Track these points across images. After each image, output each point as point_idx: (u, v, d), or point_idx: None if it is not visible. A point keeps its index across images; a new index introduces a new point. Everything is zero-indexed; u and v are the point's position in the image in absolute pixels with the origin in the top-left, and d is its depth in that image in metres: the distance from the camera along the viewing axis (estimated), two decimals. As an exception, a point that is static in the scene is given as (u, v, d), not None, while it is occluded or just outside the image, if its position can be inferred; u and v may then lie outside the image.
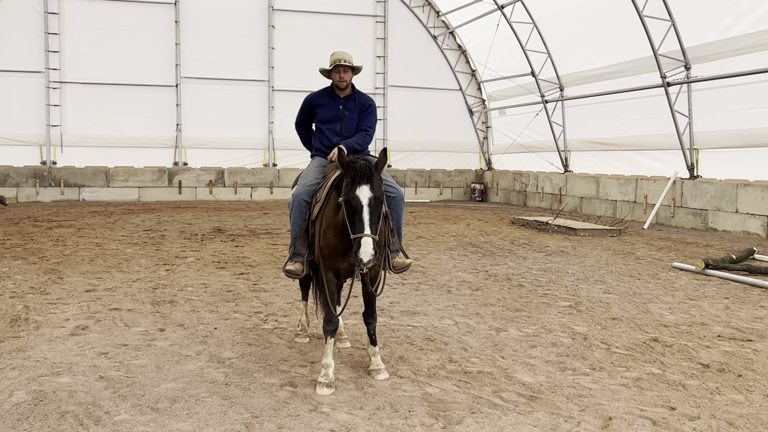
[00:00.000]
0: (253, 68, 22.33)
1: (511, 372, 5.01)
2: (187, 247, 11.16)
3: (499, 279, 8.82)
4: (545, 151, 21.26)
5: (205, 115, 21.77)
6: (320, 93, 5.60)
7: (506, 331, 6.19)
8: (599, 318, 6.77)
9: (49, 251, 10.48)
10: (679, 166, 15.92)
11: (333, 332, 4.79)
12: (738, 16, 13.78)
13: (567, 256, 10.83)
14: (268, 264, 9.68)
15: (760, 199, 13.77)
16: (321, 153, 5.52)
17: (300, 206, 5.14)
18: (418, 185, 24.22)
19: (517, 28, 20.34)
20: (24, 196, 20.48)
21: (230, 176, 22.36)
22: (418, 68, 23.73)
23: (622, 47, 16.80)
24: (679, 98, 15.46)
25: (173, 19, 21.51)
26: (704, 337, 6.06)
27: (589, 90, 18.68)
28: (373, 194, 4.34)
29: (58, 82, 20.78)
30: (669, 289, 8.32)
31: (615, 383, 4.80)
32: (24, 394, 4.38)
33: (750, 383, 4.83)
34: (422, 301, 7.43)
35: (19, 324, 6.16)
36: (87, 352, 5.32)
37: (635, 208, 17.30)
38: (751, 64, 13.49)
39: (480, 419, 4.10)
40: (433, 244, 12.04)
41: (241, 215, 16.88)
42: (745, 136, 14.06)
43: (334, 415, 4.14)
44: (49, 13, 20.51)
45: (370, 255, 4.19)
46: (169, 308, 6.89)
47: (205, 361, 5.15)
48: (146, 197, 21.59)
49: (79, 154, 21.05)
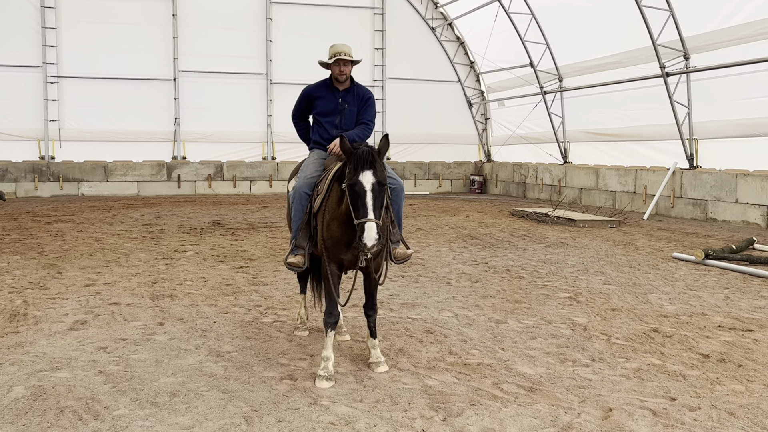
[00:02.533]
0: (251, 61, 22.28)
1: (511, 364, 5.01)
2: (186, 241, 11.15)
3: (498, 271, 8.81)
4: (544, 142, 21.22)
5: (203, 108, 21.72)
6: (319, 85, 5.56)
7: (506, 323, 6.18)
8: (599, 309, 6.76)
9: (48, 246, 10.47)
10: (678, 156, 15.89)
11: (334, 325, 4.78)
12: (738, 5, 13.72)
13: (566, 248, 10.81)
14: (268, 257, 9.67)
15: (759, 188, 13.75)
16: (320, 145, 5.49)
17: (301, 199, 5.12)
18: (418, 177, 24.19)
19: (516, 19, 20.27)
20: (23, 191, 20.45)
21: (229, 170, 22.32)
22: (416, 60, 23.66)
23: (621, 38, 16.74)
24: (679, 88, 15.42)
25: (171, 13, 21.42)
26: (704, 328, 6.05)
27: (588, 81, 18.63)
28: (377, 179, 4.33)
29: (56, 77, 20.70)
30: (669, 279, 8.31)
31: (615, 374, 4.79)
32: (23, 390, 4.37)
33: (750, 373, 4.82)
34: (422, 293, 7.42)
35: (18, 319, 6.15)
36: (86, 347, 5.31)
37: (635, 199, 17.28)
38: (751, 54, 13.44)
39: (480, 411, 4.10)
40: (433, 237, 12.02)
41: (240, 209, 16.86)
42: (744, 125, 14.03)
43: (333, 408, 4.13)
44: (46, 7, 20.42)
45: (374, 239, 4.18)
46: (168, 302, 6.88)
47: (204, 355, 5.14)
48: (145, 191, 21.56)
49: (77, 148, 21.00)
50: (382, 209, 4.36)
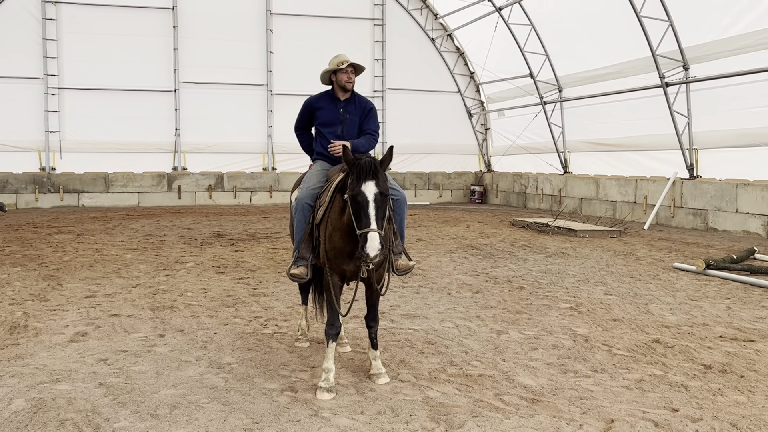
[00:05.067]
0: (252, 72, 22.33)
1: (513, 375, 4.99)
2: (187, 252, 11.14)
3: (499, 281, 8.80)
4: (544, 152, 21.25)
5: (203, 119, 21.75)
6: (320, 96, 5.59)
7: (507, 334, 6.17)
8: (600, 319, 6.75)
9: (48, 257, 10.46)
10: (678, 166, 15.90)
11: (335, 336, 4.77)
12: (736, 15, 13.76)
13: (567, 258, 10.81)
14: (268, 268, 9.66)
15: (760, 198, 13.76)
16: (322, 157, 5.50)
17: (304, 210, 5.12)
18: (418, 188, 24.20)
19: (515, 29, 20.34)
20: (23, 203, 20.45)
21: (229, 180, 22.34)
22: (416, 71, 23.72)
23: (620, 48, 16.79)
24: (678, 98, 15.46)
25: (171, 24, 21.49)
26: (706, 338, 6.04)
27: (588, 91, 18.67)
28: (379, 190, 4.33)
29: (57, 88, 20.75)
30: (670, 289, 8.30)
31: (617, 385, 4.78)
32: (23, 402, 4.36)
33: (752, 384, 4.81)
34: (422, 304, 7.41)
35: (19, 331, 6.14)
36: (86, 359, 5.30)
37: (635, 209, 17.28)
38: (750, 64, 13.47)
39: (481, 423, 4.08)
40: (433, 247, 12.02)
41: (241, 219, 16.87)
42: (744, 135, 14.05)
43: (334, 420, 4.11)
44: (47, 19, 20.49)
45: (376, 249, 4.18)
46: (169, 314, 6.87)
47: (204, 367, 5.13)
48: (146, 202, 21.57)
49: (78, 159, 21.01)
50: (384, 220, 4.37)
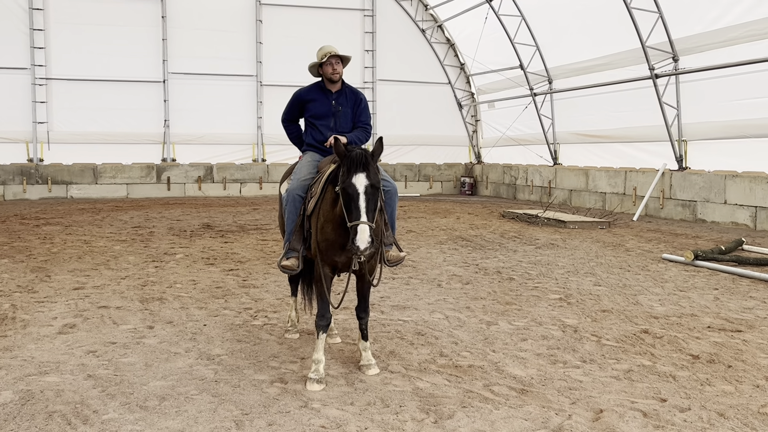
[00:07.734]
0: (241, 63, 22.21)
1: (502, 365, 5.01)
2: (176, 244, 11.10)
3: (489, 272, 8.81)
4: (534, 144, 21.28)
5: (193, 110, 21.63)
6: (310, 88, 5.55)
7: (497, 325, 6.19)
8: (589, 310, 6.78)
9: (36, 249, 10.39)
10: (668, 157, 15.97)
11: (326, 327, 4.77)
12: (725, 7, 13.80)
13: (557, 249, 10.84)
14: (258, 260, 9.64)
15: (748, 189, 13.84)
16: (314, 148, 5.47)
17: (295, 201, 5.10)
18: (408, 179, 24.19)
19: (506, 21, 20.32)
20: (11, 194, 20.30)
21: (219, 172, 22.26)
22: (406, 62, 23.68)
23: (610, 39, 16.80)
24: (668, 90, 15.50)
25: (160, 15, 21.33)
26: (694, 329, 6.07)
27: (578, 83, 18.68)
28: (370, 182, 4.32)
29: (44, 79, 20.57)
30: (659, 280, 8.35)
31: (606, 375, 4.80)
32: (11, 394, 4.34)
33: (740, 374, 4.84)
34: (413, 295, 7.42)
35: (6, 323, 6.10)
36: (75, 351, 5.27)
37: (624, 200, 17.35)
38: (739, 55, 13.53)
39: (471, 413, 4.09)
40: (424, 238, 12.02)
41: (230, 211, 16.81)
42: (733, 127, 14.11)
43: (324, 411, 4.11)
44: (34, 9, 20.29)
45: (367, 242, 4.18)
46: (158, 305, 6.85)
47: (194, 359, 5.12)
48: (134, 194, 21.46)
49: (66, 150, 20.86)
50: (375, 212, 4.36)
